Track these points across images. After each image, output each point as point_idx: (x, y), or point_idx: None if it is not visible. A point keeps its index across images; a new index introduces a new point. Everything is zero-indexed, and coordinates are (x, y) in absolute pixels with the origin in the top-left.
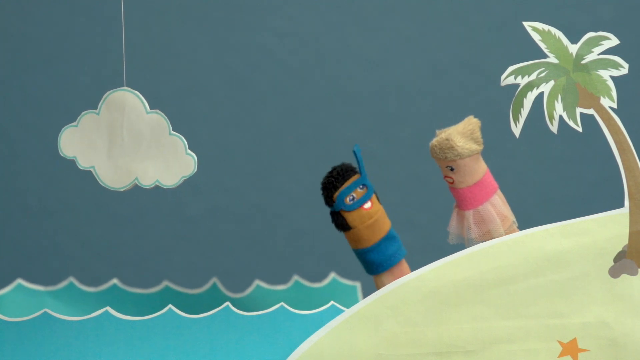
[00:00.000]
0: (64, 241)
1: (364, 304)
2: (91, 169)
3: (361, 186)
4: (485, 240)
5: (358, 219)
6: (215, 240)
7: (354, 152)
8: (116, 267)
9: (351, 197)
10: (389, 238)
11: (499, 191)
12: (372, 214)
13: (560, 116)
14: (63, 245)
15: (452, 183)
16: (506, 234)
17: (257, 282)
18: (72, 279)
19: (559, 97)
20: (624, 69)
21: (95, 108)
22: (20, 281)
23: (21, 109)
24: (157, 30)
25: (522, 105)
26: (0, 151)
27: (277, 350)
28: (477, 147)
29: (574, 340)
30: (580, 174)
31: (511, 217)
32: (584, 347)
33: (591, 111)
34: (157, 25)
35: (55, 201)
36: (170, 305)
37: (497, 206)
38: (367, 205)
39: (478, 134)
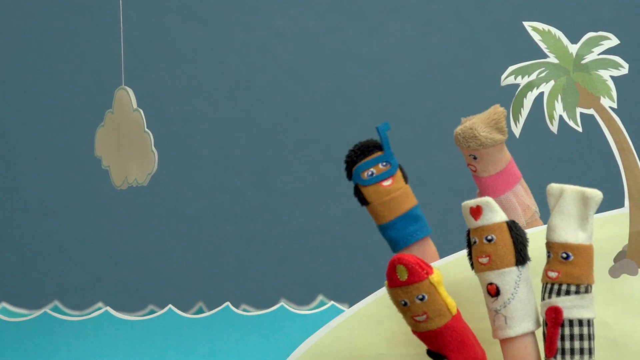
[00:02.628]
0: (64, 241)
1: (364, 303)
2: (107, 169)
3: (384, 163)
4: None
5: (374, 194)
6: (220, 245)
7: (377, 128)
8: (115, 268)
9: (370, 173)
10: (409, 216)
11: (522, 181)
12: (390, 191)
13: (560, 116)
14: (63, 245)
15: (475, 171)
16: (528, 224)
17: (283, 303)
18: (56, 302)
19: (559, 97)
20: (624, 69)
21: (99, 107)
22: (4, 304)
23: (21, 109)
24: (157, 29)
25: (522, 105)
26: (0, 151)
27: (277, 350)
28: (501, 137)
29: None
30: (580, 174)
31: (534, 207)
32: None
33: (591, 111)
34: (157, 24)
35: (55, 201)
36: (170, 305)
37: (520, 196)
38: (387, 182)
39: (503, 123)
